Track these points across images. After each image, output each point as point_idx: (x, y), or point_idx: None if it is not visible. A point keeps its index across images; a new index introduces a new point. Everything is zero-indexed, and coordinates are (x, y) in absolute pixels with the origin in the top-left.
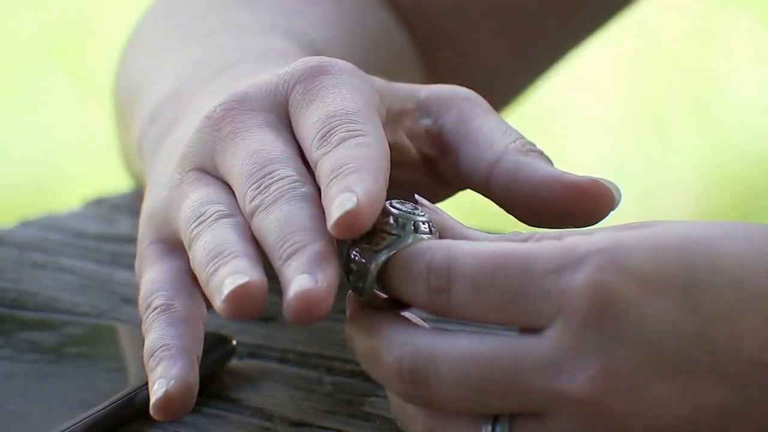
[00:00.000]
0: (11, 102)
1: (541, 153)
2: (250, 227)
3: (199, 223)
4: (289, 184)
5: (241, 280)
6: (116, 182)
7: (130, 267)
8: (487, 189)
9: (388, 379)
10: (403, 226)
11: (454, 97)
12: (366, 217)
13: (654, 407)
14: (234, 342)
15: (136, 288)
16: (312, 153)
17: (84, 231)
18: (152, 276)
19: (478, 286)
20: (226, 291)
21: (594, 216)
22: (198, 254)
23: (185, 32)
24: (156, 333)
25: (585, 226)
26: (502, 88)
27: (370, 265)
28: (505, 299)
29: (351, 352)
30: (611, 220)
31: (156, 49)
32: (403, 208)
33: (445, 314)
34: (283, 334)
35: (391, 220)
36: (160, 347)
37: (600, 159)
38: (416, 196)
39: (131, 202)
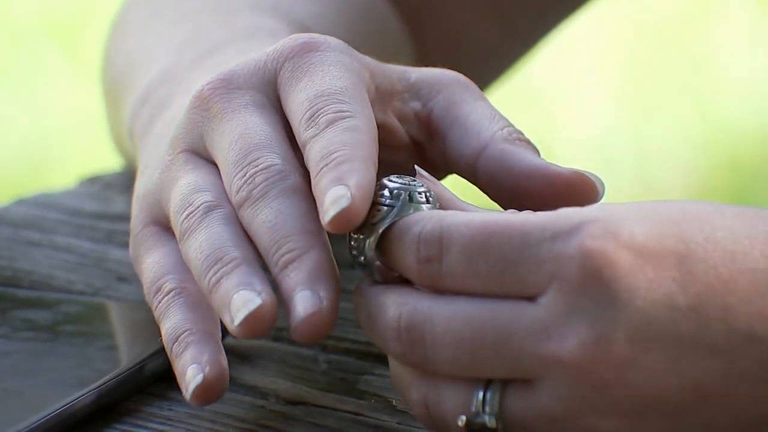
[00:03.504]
0: (6, 80)
1: (528, 142)
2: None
3: (189, 215)
4: (276, 174)
5: (254, 305)
6: (111, 160)
7: (126, 245)
8: (472, 176)
9: (386, 339)
10: (398, 197)
11: (445, 81)
12: (360, 211)
13: (643, 376)
14: None
15: (131, 266)
16: (300, 134)
17: (79, 209)
18: (156, 259)
19: (471, 255)
20: (239, 316)
21: (581, 204)
22: (193, 255)
23: (174, 12)
24: (176, 317)
25: None
26: (490, 63)
27: (368, 239)
28: (499, 268)
29: (357, 322)
30: (605, 199)
31: (144, 29)
32: (400, 181)
33: (436, 285)
34: (278, 312)
35: (386, 192)
36: (184, 331)
37: (595, 137)
38: (415, 166)
39: (126, 181)
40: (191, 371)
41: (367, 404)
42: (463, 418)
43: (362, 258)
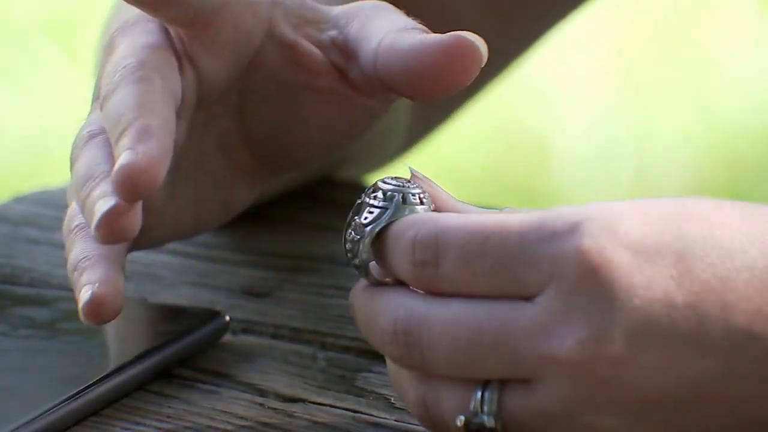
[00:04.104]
0: (6, 79)
1: (420, 28)
2: None
3: (74, 148)
4: (129, 69)
5: (109, 205)
6: None
7: None
8: (376, 75)
9: (384, 342)
10: (391, 199)
11: (361, 8)
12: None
13: (641, 375)
14: (227, 318)
15: (130, 264)
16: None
17: None
18: (72, 207)
19: (468, 257)
20: (98, 217)
21: (467, 66)
22: (74, 179)
23: None
24: (77, 248)
25: (462, 85)
26: (489, 62)
27: (363, 241)
28: (497, 269)
29: (354, 324)
30: (605, 197)
31: None
32: (394, 183)
33: (432, 288)
34: (277, 310)
35: (380, 194)
36: (82, 259)
37: (595, 136)
38: (410, 168)
39: None
40: (83, 291)
41: (365, 401)
42: (462, 418)
43: (357, 260)
